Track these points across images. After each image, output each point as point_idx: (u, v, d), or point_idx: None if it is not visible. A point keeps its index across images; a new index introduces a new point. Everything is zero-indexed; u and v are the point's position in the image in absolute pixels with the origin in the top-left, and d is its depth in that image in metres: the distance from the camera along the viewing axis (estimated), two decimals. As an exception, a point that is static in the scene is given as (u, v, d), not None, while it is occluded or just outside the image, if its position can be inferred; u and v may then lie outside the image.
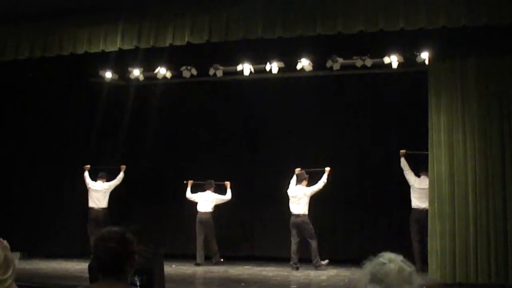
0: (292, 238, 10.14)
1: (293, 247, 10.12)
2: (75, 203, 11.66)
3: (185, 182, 11.17)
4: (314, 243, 10.07)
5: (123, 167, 11.48)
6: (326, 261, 10.16)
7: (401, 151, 9.78)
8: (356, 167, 11.08)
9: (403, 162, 9.77)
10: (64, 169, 11.63)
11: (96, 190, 11.35)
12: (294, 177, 10.35)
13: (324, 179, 10.24)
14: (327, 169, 10.26)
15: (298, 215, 10.13)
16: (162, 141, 12.18)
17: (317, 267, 9.98)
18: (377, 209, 10.84)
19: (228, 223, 11.50)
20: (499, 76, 8.36)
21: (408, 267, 2.10)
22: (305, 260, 10.18)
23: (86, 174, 11.33)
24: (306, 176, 10.29)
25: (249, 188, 11.55)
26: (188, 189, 11.15)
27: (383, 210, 10.78)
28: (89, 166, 11.37)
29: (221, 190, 11.11)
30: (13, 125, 11.73)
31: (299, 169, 10.37)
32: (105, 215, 11.16)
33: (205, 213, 10.93)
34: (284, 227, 10.52)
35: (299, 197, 10.18)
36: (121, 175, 11.47)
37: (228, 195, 11.04)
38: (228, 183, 11.06)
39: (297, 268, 10.00)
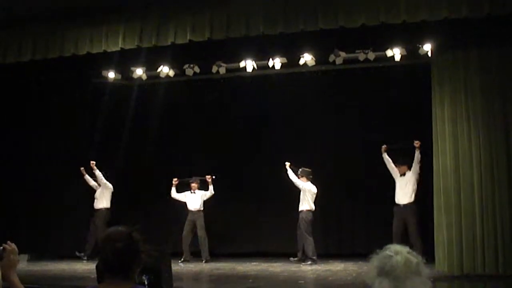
0: (311, 234, 10.19)
1: (312, 242, 10.18)
2: (81, 203, 11.64)
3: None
4: None
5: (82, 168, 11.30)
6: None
7: (416, 142, 9.48)
8: (360, 161, 11.04)
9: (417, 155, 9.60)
10: (70, 170, 11.59)
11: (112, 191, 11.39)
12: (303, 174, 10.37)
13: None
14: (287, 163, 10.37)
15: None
16: (166, 139, 12.16)
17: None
18: (383, 203, 10.80)
19: (234, 220, 11.50)
20: (502, 67, 8.34)
21: (415, 258, 2.10)
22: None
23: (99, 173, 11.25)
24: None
25: (254, 184, 11.54)
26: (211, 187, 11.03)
27: (389, 204, 10.73)
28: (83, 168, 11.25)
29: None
30: (18, 127, 11.74)
31: (288, 163, 10.37)
32: None
33: None
34: (290, 223, 10.51)
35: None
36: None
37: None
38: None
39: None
